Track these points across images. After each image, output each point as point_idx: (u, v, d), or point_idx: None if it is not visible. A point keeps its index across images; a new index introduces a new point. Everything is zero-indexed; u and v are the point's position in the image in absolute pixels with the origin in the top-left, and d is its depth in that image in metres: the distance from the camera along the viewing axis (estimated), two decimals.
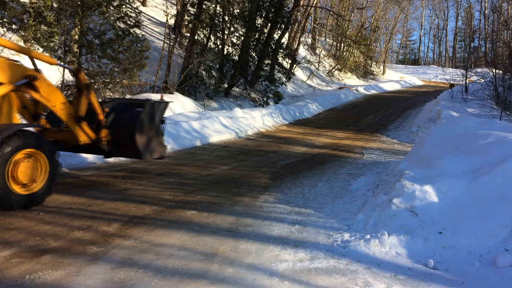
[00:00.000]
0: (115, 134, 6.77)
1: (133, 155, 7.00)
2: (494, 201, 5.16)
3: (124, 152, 7.09)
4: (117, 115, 6.87)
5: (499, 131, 7.20)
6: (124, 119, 6.80)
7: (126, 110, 6.97)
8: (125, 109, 6.99)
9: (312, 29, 38.94)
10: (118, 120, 6.81)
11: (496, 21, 39.13)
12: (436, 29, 76.02)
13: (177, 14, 17.79)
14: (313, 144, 12.90)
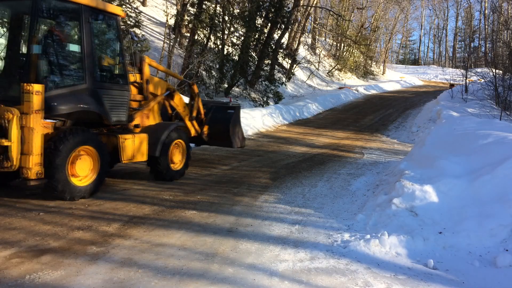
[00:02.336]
0: (212, 129, 8.99)
1: (225, 144, 9.29)
2: (494, 201, 5.16)
3: (219, 143, 9.38)
4: (213, 115, 9.07)
5: (499, 131, 7.20)
6: (219, 118, 9.02)
7: (220, 111, 9.20)
8: (219, 110, 9.22)
9: (312, 29, 38.96)
10: (215, 119, 9.01)
11: (496, 21, 39.16)
12: (436, 29, 76.07)
13: (177, 14, 17.79)
14: (313, 144, 12.90)
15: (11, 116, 5.17)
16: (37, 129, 5.35)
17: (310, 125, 17.29)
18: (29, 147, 5.29)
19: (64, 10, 6.13)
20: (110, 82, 6.65)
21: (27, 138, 5.28)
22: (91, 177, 6.04)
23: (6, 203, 5.71)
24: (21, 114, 5.26)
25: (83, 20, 6.07)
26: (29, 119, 5.26)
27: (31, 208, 5.58)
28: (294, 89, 26.58)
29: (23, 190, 6.25)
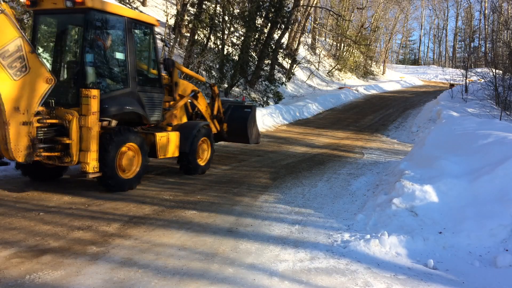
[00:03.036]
0: (231, 126, 9.70)
1: (243, 141, 10.02)
2: (494, 201, 5.16)
3: (237, 139, 10.08)
4: (232, 114, 9.78)
5: (499, 131, 7.19)
6: (238, 116, 9.75)
7: (238, 110, 9.93)
8: (237, 109, 9.95)
9: (312, 29, 38.94)
10: (233, 117, 9.72)
11: (496, 21, 39.15)
12: (436, 29, 76.05)
13: (177, 14, 17.78)
14: (313, 144, 12.90)
15: (71, 117, 5.86)
16: (94, 129, 5.99)
17: (310, 125, 17.29)
18: (87, 144, 5.94)
19: (111, 22, 6.79)
20: (148, 86, 7.30)
21: (85, 137, 5.94)
22: (134, 171, 6.73)
23: (6, 203, 5.71)
24: (80, 116, 5.93)
25: (127, 31, 6.74)
26: (87, 120, 5.92)
27: (31, 208, 5.58)
28: (294, 89, 26.57)
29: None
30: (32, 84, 5.58)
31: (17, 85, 5.43)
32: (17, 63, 5.39)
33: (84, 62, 6.25)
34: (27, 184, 6.73)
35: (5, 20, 5.25)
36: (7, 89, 5.33)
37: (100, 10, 6.37)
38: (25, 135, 5.55)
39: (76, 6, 6.10)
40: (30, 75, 5.54)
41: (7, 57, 5.29)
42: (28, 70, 5.51)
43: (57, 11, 6.47)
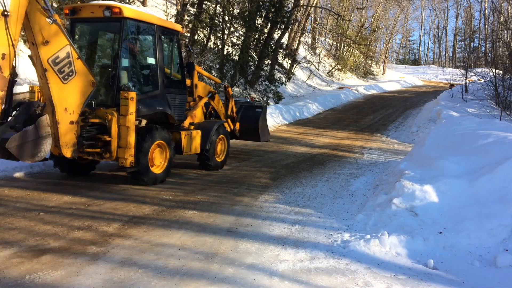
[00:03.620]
0: (243, 125, 10.18)
1: (254, 139, 10.62)
2: (494, 201, 5.16)
3: (248, 137, 10.59)
4: (244, 113, 10.28)
5: (499, 131, 7.19)
6: (249, 116, 10.27)
7: (250, 110, 10.47)
8: (249, 109, 10.50)
9: (312, 29, 38.94)
10: (245, 117, 10.23)
11: (496, 21, 39.14)
12: (436, 29, 76.04)
13: (177, 14, 17.78)
14: (313, 144, 12.90)
15: (111, 117, 6.42)
16: (132, 127, 6.52)
17: (310, 125, 17.29)
18: (125, 141, 6.48)
19: (143, 29, 7.39)
20: (174, 88, 7.85)
21: (124, 135, 6.48)
22: (163, 166, 7.26)
23: (6, 203, 5.71)
24: (118, 116, 6.47)
25: (156, 37, 7.31)
26: (126, 120, 6.47)
27: (31, 208, 5.58)
28: (294, 89, 26.56)
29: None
30: (78, 87, 6.11)
31: (66, 88, 5.96)
32: (66, 68, 5.91)
33: (120, 67, 6.79)
34: (28, 184, 6.73)
35: (57, 29, 5.76)
36: (58, 91, 5.88)
37: (134, 19, 6.91)
38: (73, 133, 6.11)
39: (113, 15, 6.63)
40: (77, 79, 6.07)
41: (58, 62, 5.81)
42: (75, 75, 6.03)
43: (94, 19, 6.99)
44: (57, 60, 5.79)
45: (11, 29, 5.20)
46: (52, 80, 5.81)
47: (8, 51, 5.24)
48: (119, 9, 6.64)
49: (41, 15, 5.59)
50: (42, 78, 5.86)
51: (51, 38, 5.74)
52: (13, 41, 5.28)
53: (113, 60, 7.20)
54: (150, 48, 7.51)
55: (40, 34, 5.63)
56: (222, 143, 8.95)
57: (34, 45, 5.68)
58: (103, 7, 6.70)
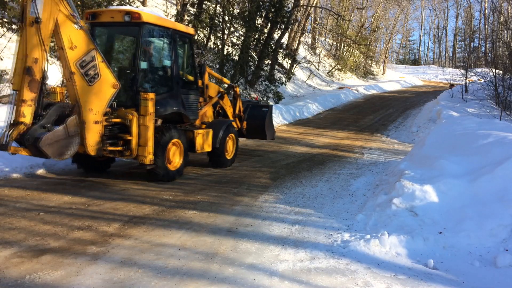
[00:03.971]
0: (250, 124, 10.45)
1: (260, 137, 10.89)
2: (494, 201, 5.16)
3: (255, 136, 10.87)
4: (251, 112, 10.53)
5: (499, 131, 7.20)
6: (256, 115, 10.53)
7: (257, 109, 10.73)
8: (256, 108, 10.75)
9: (312, 29, 38.93)
10: (252, 116, 10.49)
11: (496, 21, 39.13)
12: (436, 29, 76.05)
13: (177, 14, 17.78)
14: (313, 144, 12.90)
15: (132, 117, 6.73)
16: (151, 127, 6.83)
17: (310, 125, 17.28)
18: (145, 140, 6.79)
19: (160, 34, 7.64)
20: (188, 88, 8.13)
21: (144, 134, 6.79)
22: (178, 163, 7.59)
23: (6, 203, 5.71)
24: (139, 115, 6.78)
25: (172, 41, 7.63)
26: (145, 119, 6.78)
27: (31, 208, 5.58)
28: (294, 89, 26.56)
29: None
30: (102, 89, 6.47)
31: (91, 90, 6.34)
32: (91, 71, 6.30)
33: (139, 69, 7.10)
34: (25, 184, 6.73)
35: (83, 35, 6.18)
36: (84, 93, 6.27)
37: (151, 24, 7.20)
38: (97, 132, 6.46)
39: (133, 20, 6.94)
40: (101, 81, 6.43)
41: (84, 66, 6.21)
42: (99, 77, 6.40)
43: (114, 24, 7.28)
44: (83, 64, 6.19)
45: (42, 35, 5.61)
46: (79, 83, 6.19)
47: (40, 56, 5.66)
48: (139, 14, 6.96)
49: (69, 22, 5.97)
50: (69, 81, 6.22)
51: (78, 43, 6.12)
52: (44, 46, 5.67)
53: (132, 62, 7.51)
54: (166, 51, 7.87)
55: (68, 39, 6.00)
56: (231, 141, 9.29)
57: (63, 50, 6.03)
58: (123, 12, 7.02)
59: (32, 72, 5.63)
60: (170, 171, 7.37)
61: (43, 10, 5.57)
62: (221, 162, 8.86)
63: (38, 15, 5.52)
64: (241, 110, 10.40)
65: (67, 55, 6.06)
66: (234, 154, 9.40)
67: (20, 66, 5.66)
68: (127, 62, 7.91)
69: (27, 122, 5.74)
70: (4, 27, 11.91)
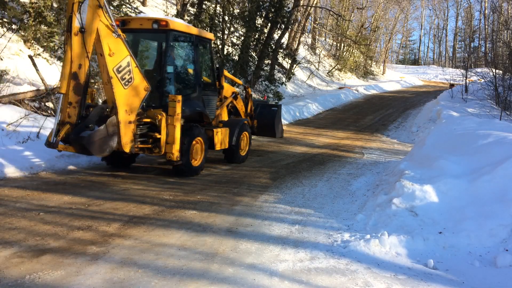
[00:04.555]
0: (260, 122, 10.86)
1: (270, 135, 11.30)
2: (494, 201, 5.16)
3: (264, 134, 11.28)
4: (261, 111, 10.99)
5: (499, 131, 7.20)
6: (266, 114, 10.98)
7: (266, 108, 11.15)
8: (266, 108, 11.17)
9: (312, 29, 38.93)
10: (262, 115, 10.94)
11: (496, 21, 39.14)
12: (436, 29, 76.09)
13: (177, 14, 17.78)
14: (313, 144, 12.90)
15: (161, 117, 7.20)
16: (178, 126, 7.29)
17: (310, 125, 17.28)
18: (173, 138, 7.26)
19: (184, 39, 8.22)
20: (207, 90, 8.63)
21: (171, 132, 7.25)
22: (200, 160, 8.07)
23: (6, 203, 5.71)
24: (167, 116, 7.23)
25: (195, 46, 8.15)
26: (173, 119, 7.23)
27: (31, 208, 5.58)
28: (294, 89, 26.56)
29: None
30: (135, 91, 6.99)
31: (126, 93, 6.83)
32: (127, 75, 6.80)
33: (165, 72, 7.65)
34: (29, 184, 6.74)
35: (120, 43, 6.69)
36: (120, 95, 6.74)
37: (177, 30, 7.70)
38: (130, 131, 6.94)
39: (160, 27, 7.45)
40: (135, 85, 6.95)
41: (121, 71, 6.71)
42: (133, 81, 6.91)
43: (142, 30, 7.83)
44: (120, 69, 6.70)
45: (86, 43, 6.21)
46: (116, 86, 6.67)
47: (84, 62, 6.26)
48: (166, 22, 7.47)
49: (108, 31, 6.51)
50: (107, 84, 6.70)
51: (116, 50, 6.63)
52: (88, 53, 6.27)
53: (158, 66, 7.97)
54: (189, 55, 8.43)
55: (107, 46, 6.52)
56: (245, 139, 9.85)
57: (102, 56, 6.54)
58: (151, 20, 7.58)
59: (77, 77, 6.22)
60: (193, 167, 7.86)
61: (87, 20, 6.15)
62: (236, 158, 9.38)
63: (83, 25, 6.12)
64: (252, 110, 10.86)
65: (106, 61, 6.54)
66: (247, 151, 9.94)
67: (67, 72, 6.18)
68: (153, 66, 8.41)
69: (73, 122, 6.36)
70: (4, 27, 11.91)
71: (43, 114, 10.74)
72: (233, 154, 9.32)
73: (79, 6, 6.09)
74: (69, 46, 6.14)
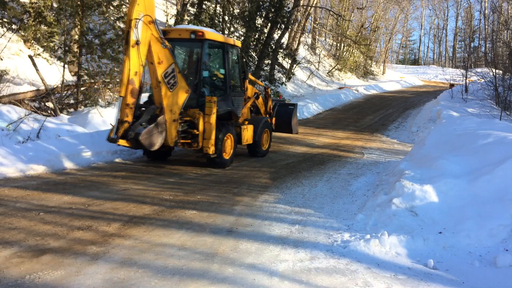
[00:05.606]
0: (278, 120, 11.71)
1: (287, 131, 12.19)
2: (494, 201, 5.16)
3: (282, 130, 12.14)
4: (279, 110, 11.91)
5: (499, 131, 7.20)
6: (283, 112, 11.93)
7: (284, 107, 12.13)
8: (283, 106, 12.15)
9: (312, 29, 38.92)
10: (280, 113, 11.85)
11: (496, 21, 39.15)
12: (436, 29, 76.08)
13: (177, 14, 17.78)
14: (313, 144, 12.90)
15: (199, 116, 8.21)
16: (213, 124, 8.25)
17: (310, 125, 17.28)
18: (209, 134, 8.22)
19: (217, 47, 9.26)
20: (236, 91, 9.61)
21: (208, 129, 8.23)
22: (230, 153, 9.02)
23: (6, 203, 5.71)
24: (204, 114, 8.21)
25: (226, 53, 9.12)
26: (210, 118, 8.21)
27: (31, 208, 5.58)
28: (294, 89, 26.56)
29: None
30: (179, 94, 7.97)
31: (171, 95, 7.84)
32: (172, 80, 7.78)
33: (201, 76, 8.56)
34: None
35: (167, 52, 7.70)
36: (167, 98, 7.75)
37: (212, 40, 8.69)
38: (174, 128, 7.96)
39: (197, 37, 8.43)
40: (178, 88, 7.94)
41: (167, 76, 7.69)
42: (177, 85, 7.90)
43: (181, 40, 8.82)
44: (167, 75, 7.68)
45: (141, 54, 7.14)
46: (163, 90, 7.68)
47: (139, 70, 7.16)
48: (202, 33, 8.41)
49: (158, 42, 7.51)
50: (156, 88, 7.74)
51: (164, 59, 7.64)
52: (142, 62, 7.19)
53: (195, 71, 8.89)
54: (221, 61, 9.34)
55: (157, 56, 7.51)
56: (266, 135, 10.69)
57: (153, 64, 7.52)
58: (190, 31, 8.53)
59: (134, 83, 7.09)
60: (225, 159, 8.80)
61: (141, 34, 7.08)
62: (259, 152, 10.30)
63: (138, 39, 7.03)
64: (270, 108, 11.69)
65: (156, 69, 7.53)
66: (268, 146, 10.78)
67: (125, 78, 7.01)
68: (190, 71, 9.34)
69: (130, 121, 7.20)
70: (4, 27, 11.91)
71: (43, 114, 10.74)
72: (256, 149, 10.21)
73: (136, 22, 6.98)
74: (127, 56, 6.98)
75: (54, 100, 11.37)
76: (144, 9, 7.14)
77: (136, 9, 6.97)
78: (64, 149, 8.27)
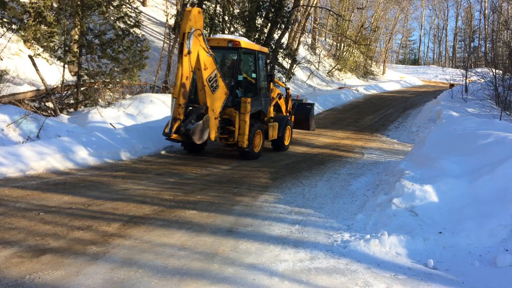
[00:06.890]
0: (297, 118, 13.06)
1: (304, 128, 13.47)
2: (494, 201, 5.16)
3: (301, 127, 13.41)
4: (297, 109, 13.25)
5: (499, 131, 7.20)
6: (302, 110, 13.27)
7: (302, 106, 13.44)
8: (302, 105, 13.46)
9: (312, 29, 38.91)
10: (299, 111, 13.20)
11: (496, 21, 39.13)
12: (436, 29, 76.08)
13: (177, 14, 17.78)
14: (313, 144, 12.91)
15: (235, 114, 9.41)
16: (247, 121, 9.42)
17: None
18: (244, 131, 9.41)
19: (249, 54, 10.30)
20: (264, 92, 10.69)
21: (243, 126, 9.41)
22: (259, 147, 10.24)
23: (6, 203, 5.71)
24: (239, 113, 9.41)
25: (256, 59, 10.30)
26: (245, 116, 9.40)
27: (31, 208, 5.58)
28: (294, 89, 26.55)
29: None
30: (219, 95, 9.00)
31: (214, 96, 8.86)
32: (214, 83, 8.79)
33: (236, 80, 9.77)
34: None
35: (211, 59, 8.68)
36: (210, 99, 8.77)
37: (246, 48, 9.84)
38: (215, 125, 9.01)
39: (234, 46, 9.62)
40: (219, 90, 8.96)
41: (210, 80, 8.70)
42: (218, 87, 8.92)
43: (218, 47, 9.71)
44: (210, 79, 8.68)
45: (191, 61, 8.16)
46: (207, 92, 8.69)
47: (189, 75, 8.18)
48: (238, 42, 9.57)
49: (204, 51, 8.49)
50: (201, 90, 8.74)
51: (208, 65, 8.62)
52: (192, 69, 8.22)
53: (231, 75, 9.90)
54: (253, 66, 10.49)
55: (203, 63, 8.49)
56: (288, 132, 11.77)
57: (199, 70, 8.47)
58: (227, 40, 9.69)
59: (185, 86, 8.13)
60: (255, 153, 9.98)
61: (192, 45, 8.10)
62: (281, 147, 11.36)
63: (190, 49, 8.06)
64: (291, 107, 12.82)
65: (202, 74, 8.49)
66: (289, 141, 11.88)
67: (179, 82, 8.06)
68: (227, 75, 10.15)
69: (181, 118, 8.30)
70: (4, 27, 11.91)
71: (43, 114, 10.74)
72: (280, 144, 11.25)
73: (189, 35, 8.03)
74: (180, 64, 8.04)
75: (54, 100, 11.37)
76: (195, 24, 8.17)
77: (189, 24, 8.03)
78: (64, 149, 8.28)
